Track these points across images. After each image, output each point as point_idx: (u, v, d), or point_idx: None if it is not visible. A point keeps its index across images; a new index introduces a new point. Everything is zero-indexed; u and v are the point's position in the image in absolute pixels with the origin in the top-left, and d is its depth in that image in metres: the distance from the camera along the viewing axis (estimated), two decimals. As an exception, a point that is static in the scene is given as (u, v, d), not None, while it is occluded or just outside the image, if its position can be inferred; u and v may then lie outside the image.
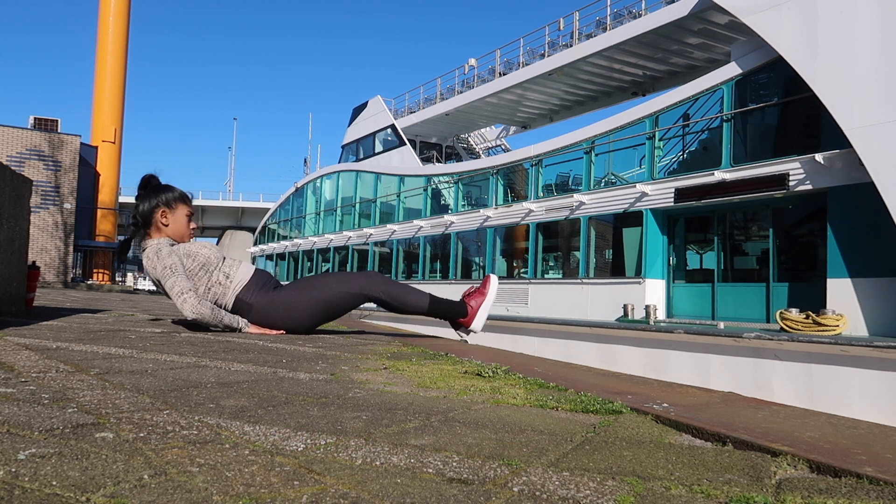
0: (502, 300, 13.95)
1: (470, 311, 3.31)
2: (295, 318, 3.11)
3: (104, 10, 31.82)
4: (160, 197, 3.17)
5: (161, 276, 3.00)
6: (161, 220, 3.15)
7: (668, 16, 12.27)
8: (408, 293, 3.22)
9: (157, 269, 3.01)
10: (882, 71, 8.14)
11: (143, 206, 3.16)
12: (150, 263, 3.05)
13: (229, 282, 3.09)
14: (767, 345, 8.32)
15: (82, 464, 0.87)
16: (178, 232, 3.20)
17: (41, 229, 23.83)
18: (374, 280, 3.21)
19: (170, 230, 3.17)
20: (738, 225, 11.10)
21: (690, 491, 0.90)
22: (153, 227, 3.16)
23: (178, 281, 2.97)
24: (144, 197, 3.18)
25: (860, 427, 1.33)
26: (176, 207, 3.19)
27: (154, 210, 3.15)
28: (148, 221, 3.16)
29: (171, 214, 3.17)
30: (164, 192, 3.20)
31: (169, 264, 3.00)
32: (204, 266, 3.08)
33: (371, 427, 1.19)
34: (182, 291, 2.94)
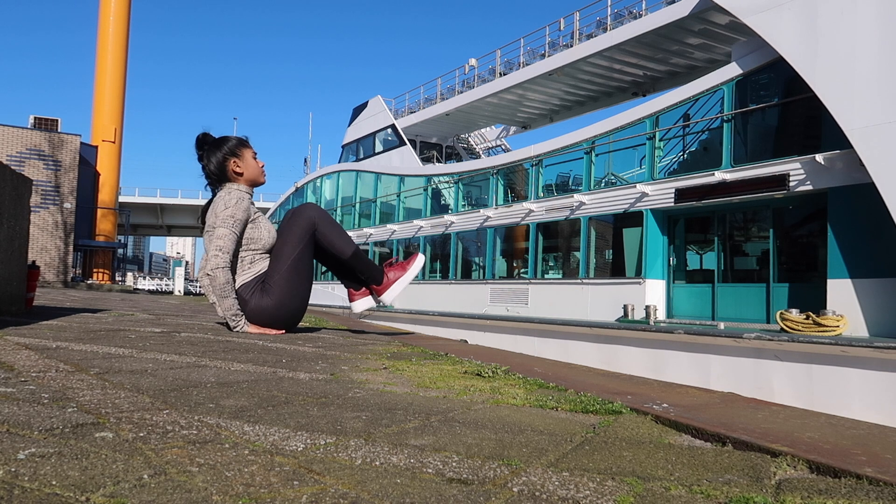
0: (502, 300, 13.96)
1: (385, 280, 3.31)
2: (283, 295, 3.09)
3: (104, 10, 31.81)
4: (223, 148, 3.19)
5: (220, 218, 3.00)
6: (234, 169, 3.18)
7: (669, 16, 12.26)
8: (341, 232, 3.24)
9: (226, 211, 3.01)
10: (882, 71, 8.14)
11: (212, 162, 3.18)
12: (223, 201, 3.06)
13: (250, 269, 3.11)
14: (768, 345, 8.31)
15: (82, 463, 0.87)
16: (252, 174, 3.23)
17: (41, 229, 23.82)
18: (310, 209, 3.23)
19: (246, 175, 3.20)
20: (739, 225, 11.09)
21: (690, 491, 0.90)
22: (229, 177, 3.19)
23: (227, 236, 2.98)
24: (209, 154, 3.19)
25: (860, 427, 1.33)
26: (242, 153, 3.21)
27: (225, 163, 3.17)
28: (223, 174, 3.19)
29: (241, 161, 3.20)
30: (224, 143, 3.22)
31: (237, 217, 3.02)
32: (251, 241, 3.11)
33: (371, 427, 1.19)
34: (222, 248, 2.96)
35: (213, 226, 3.03)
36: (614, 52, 14.03)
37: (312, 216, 3.19)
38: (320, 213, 3.24)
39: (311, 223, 3.16)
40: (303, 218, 3.18)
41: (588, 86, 16.62)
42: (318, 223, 3.18)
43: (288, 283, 3.09)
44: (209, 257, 2.98)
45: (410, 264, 3.37)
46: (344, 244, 3.23)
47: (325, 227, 3.19)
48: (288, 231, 3.18)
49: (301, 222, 3.17)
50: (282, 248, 3.15)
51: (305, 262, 3.18)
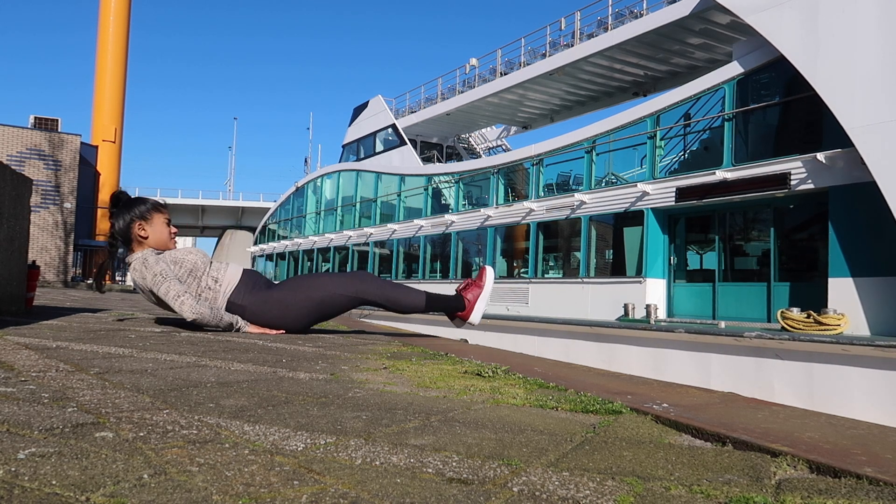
0: (503, 300, 13.95)
1: (467, 304, 3.29)
2: (289, 318, 3.10)
3: (104, 10, 31.82)
4: (133, 211, 3.15)
5: (153, 285, 2.97)
6: (140, 234, 3.13)
7: (670, 15, 12.26)
8: (403, 293, 3.21)
9: (147, 279, 2.98)
10: (884, 70, 8.13)
11: (118, 223, 3.14)
12: (139, 275, 3.03)
13: (219, 286, 3.08)
14: (768, 344, 8.31)
15: (82, 463, 0.87)
16: (160, 240, 3.17)
17: (41, 229, 23.84)
18: (368, 282, 3.19)
19: (151, 241, 3.15)
20: (739, 224, 11.09)
21: (690, 491, 0.90)
22: (134, 241, 3.14)
23: (171, 285, 2.95)
24: (118, 214, 3.16)
25: (860, 427, 1.33)
26: (151, 217, 3.17)
27: (131, 225, 3.12)
28: (127, 237, 3.14)
29: (148, 225, 3.14)
30: (136, 205, 3.18)
31: (158, 271, 2.98)
32: (192, 272, 3.06)
33: (371, 427, 1.19)
34: (178, 294, 2.93)
35: (152, 290, 3.00)
36: (615, 51, 14.03)
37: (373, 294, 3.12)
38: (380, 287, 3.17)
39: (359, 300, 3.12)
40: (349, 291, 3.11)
41: (589, 85, 16.62)
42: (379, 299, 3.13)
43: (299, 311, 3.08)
44: (177, 309, 2.95)
45: (483, 279, 3.34)
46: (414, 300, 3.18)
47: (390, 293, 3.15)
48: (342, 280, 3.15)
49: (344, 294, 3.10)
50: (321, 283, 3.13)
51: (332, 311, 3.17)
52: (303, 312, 3.10)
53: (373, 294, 3.14)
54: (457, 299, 3.29)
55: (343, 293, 3.11)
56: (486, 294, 3.31)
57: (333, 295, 3.11)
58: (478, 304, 3.30)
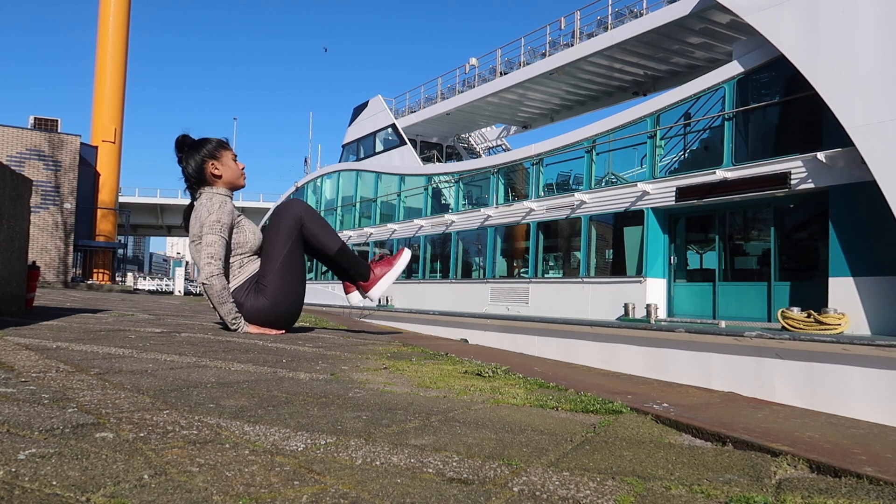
0: (503, 300, 13.95)
1: (372, 276, 3.29)
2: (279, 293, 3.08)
3: (104, 10, 31.82)
4: (202, 151, 3.17)
5: (207, 225, 2.98)
6: (213, 172, 3.16)
7: (670, 15, 12.25)
8: (327, 228, 3.23)
9: (211, 217, 2.99)
10: (884, 69, 8.13)
11: (190, 164, 3.15)
12: (206, 207, 3.03)
13: (240, 272, 3.10)
14: (769, 344, 8.31)
15: (82, 464, 0.87)
16: (231, 176, 3.21)
17: (41, 229, 23.84)
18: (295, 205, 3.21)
19: (225, 178, 3.18)
20: (740, 224, 11.08)
21: (690, 491, 0.90)
22: (208, 180, 3.17)
23: (217, 242, 2.96)
24: (187, 157, 3.17)
25: (860, 427, 1.33)
26: (221, 155, 3.19)
27: (203, 166, 3.15)
28: (202, 177, 3.16)
29: (219, 164, 3.17)
30: (203, 145, 3.19)
31: (224, 221, 3.00)
32: (239, 245, 3.10)
33: (371, 427, 1.19)
34: (213, 255, 2.94)
35: (199, 234, 3.01)
36: (615, 51, 14.02)
37: (298, 212, 3.17)
38: (306, 209, 3.22)
39: (298, 220, 3.15)
40: (288, 215, 3.17)
41: (589, 85, 16.61)
42: (304, 219, 3.16)
43: (281, 280, 3.09)
44: (202, 266, 2.96)
45: (396, 260, 3.35)
46: (330, 240, 3.21)
47: (310, 223, 3.18)
48: (276, 229, 3.17)
49: (287, 220, 3.15)
50: (272, 247, 3.14)
51: (296, 258, 3.17)
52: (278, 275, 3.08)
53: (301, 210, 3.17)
54: (365, 266, 3.30)
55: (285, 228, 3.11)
56: (394, 273, 3.31)
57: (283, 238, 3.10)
58: (382, 280, 3.30)
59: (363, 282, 3.30)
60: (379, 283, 3.30)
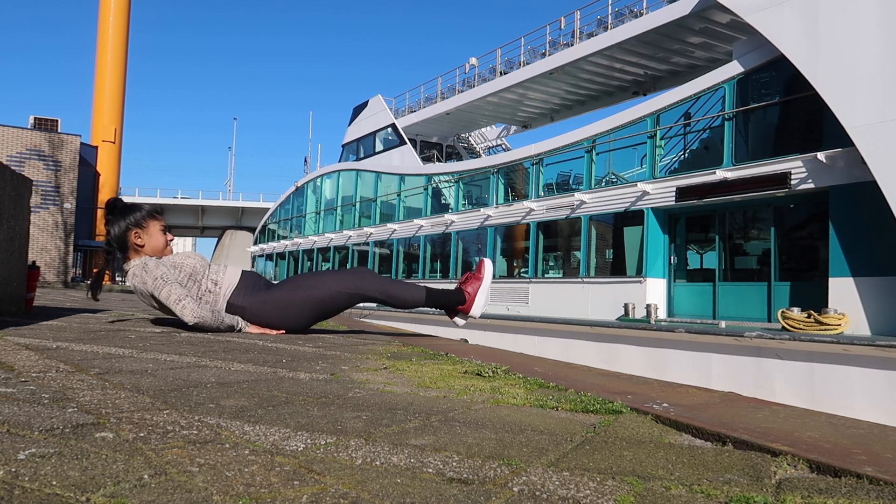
0: (503, 300, 13.95)
1: (467, 297, 3.29)
2: (290, 318, 3.11)
3: (104, 10, 31.83)
4: (129, 218, 3.14)
5: (153, 289, 2.96)
6: (136, 241, 3.13)
7: (670, 15, 12.25)
8: (403, 288, 3.21)
9: (148, 283, 2.97)
10: (884, 69, 8.13)
11: (114, 230, 3.13)
12: (139, 280, 3.01)
13: (219, 288, 3.08)
14: (769, 344, 8.31)
15: (82, 464, 0.87)
16: (155, 248, 3.17)
17: (41, 229, 23.84)
18: (368, 279, 3.18)
19: (147, 248, 3.15)
20: (740, 224, 11.08)
21: (690, 491, 0.90)
22: (130, 249, 3.14)
23: (173, 289, 2.94)
24: (113, 221, 3.15)
25: (860, 427, 1.33)
26: (147, 225, 3.16)
27: (127, 233, 3.12)
28: (124, 245, 3.13)
29: (143, 233, 3.14)
30: (131, 212, 3.17)
31: (159, 275, 2.97)
32: (192, 276, 3.07)
33: (371, 427, 1.19)
34: (179, 298, 2.93)
35: (156, 302, 3.00)
36: (615, 51, 14.02)
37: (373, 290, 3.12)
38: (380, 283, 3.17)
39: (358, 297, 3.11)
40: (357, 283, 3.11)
41: (589, 85, 16.61)
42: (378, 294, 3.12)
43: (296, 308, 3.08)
44: (178, 313, 2.94)
45: (482, 272, 3.33)
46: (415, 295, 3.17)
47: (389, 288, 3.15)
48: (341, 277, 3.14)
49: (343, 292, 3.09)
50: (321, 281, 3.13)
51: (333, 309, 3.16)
52: (303, 311, 3.10)
53: (372, 290, 3.13)
54: (457, 293, 3.29)
55: (343, 290, 3.11)
56: (485, 286, 3.31)
57: (333, 293, 3.10)
58: (478, 297, 3.29)
59: (462, 307, 3.29)
60: (476, 301, 3.28)
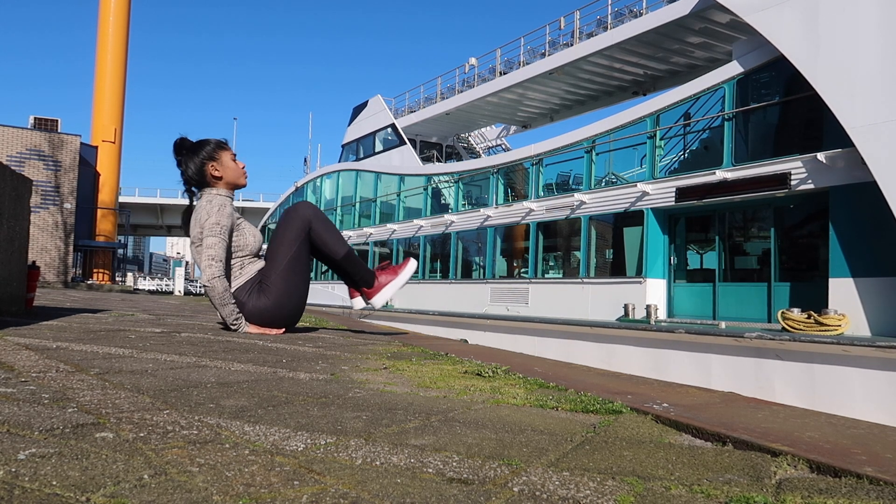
0: (503, 300, 13.95)
1: (376, 284, 3.30)
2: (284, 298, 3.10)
3: (104, 10, 31.83)
4: (201, 153, 3.19)
5: (206, 228, 2.99)
6: (213, 174, 3.18)
7: (670, 15, 12.25)
8: (335, 232, 3.25)
9: (210, 219, 3.01)
10: (884, 69, 8.13)
11: (190, 167, 3.18)
12: (205, 210, 3.05)
13: (241, 274, 3.12)
14: (769, 345, 8.30)
15: (82, 464, 0.87)
16: (232, 177, 3.23)
17: (41, 229, 23.83)
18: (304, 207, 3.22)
19: (225, 178, 3.20)
20: (740, 224, 11.08)
21: (690, 491, 0.90)
22: (209, 182, 3.19)
23: (217, 244, 2.98)
24: (187, 159, 3.19)
25: (860, 427, 1.33)
26: (220, 156, 3.21)
27: (203, 167, 3.17)
28: (203, 180, 3.19)
29: (219, 165, 3.19)
30: (202, 147, 3.21)
31: (223, 223, 3.02)
32: (240, 249, 3.12)
33: (371, 427, 1.19)
34: (214, 257, 2.96)
35: (200, 237, 3.02)
36: (615, 51, 14.02)
37: (307, 215, 3.19)
38: (315, 212, 3.23)
39: (306, 222, 3.16)
40: (297, 217, 3.18)
41: (588, 85, 16.61)
42: (313, 222, 3.17)
43: (285, 282, 3.10)
44: (203, 268, 2.97)
45: (402, 269, 3.35)
46: (337, 245, 3.23)
47: (319, 226, 3.19)
48: (283, 231, 3.18)
49: (295, 222, 3.17)
50: (278, 248, 3.15)
51: (302, 261, 3.18)
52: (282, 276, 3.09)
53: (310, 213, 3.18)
54: (369, 273, 3.31)
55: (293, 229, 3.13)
56: (399, 282, 3.31)
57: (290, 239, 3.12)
58: (386, 289, 3.30)
59: (367, 288, 3.31)
60: (382, 292, 3.30)
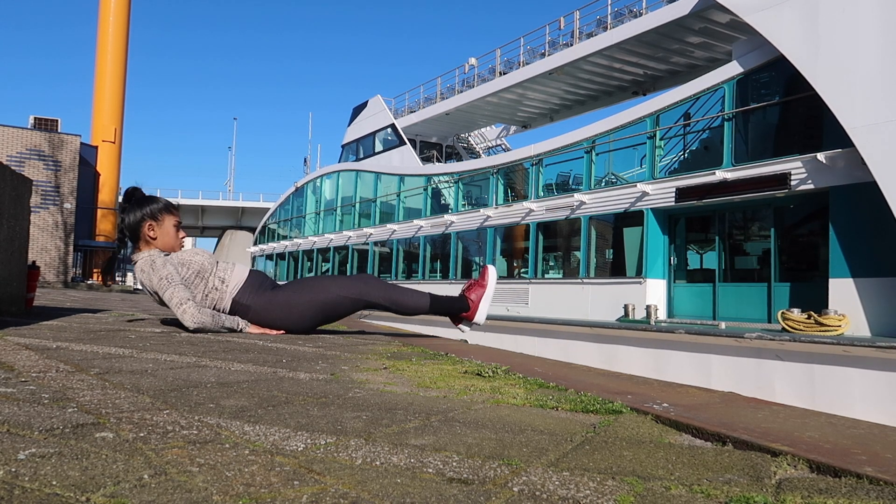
0: (503, 300, 13.95)
1: (471, 304, 3.30)
2: (293, 320, 3.11)
3: (104, 9, 31.83)
4: (145, 209, 3.14)
5: (158, 288, 2.98)
6: (149, 234, 3.12)
7: (669, 15, 12.25)
8: (407, 295, 3.21)
9: (154, 281, 2.99)
10: (884, 69, 8.13)
11: (129, 219, 3.14)
12: (145, 276, 3.03)
13: (225, 286, 3.09)
14: (769, 345, 8.30)
15: (82, 464, 0.87)
16: (167, 244, 3.16)
17: (41, 229, 23.83)
18: (372, 284, 3.18)
19: (159, 242, 3.14)
20: (740, 224, 11.08)
21: (690, 491, 0.90)
22: (142, 240, 3.13)
23: (175, 291, 2.95)
24: (129, 210, 3.15)
25: (860, 427, 1.33)
26: (162, 219, 3.16)
27: (141, 223, 3.12)
28: (136, 235, 3.14)
29: (157, 227, 3.14)
30: (148, 203, 3.17)
31: (165, 275, 2.98)
32: (199, 273, 3.07)
33: (371, 427, 1.19)
34: (181, 302, 2.93)
35: (159, 297, 3.01)
36: (614, 51, 14.02)
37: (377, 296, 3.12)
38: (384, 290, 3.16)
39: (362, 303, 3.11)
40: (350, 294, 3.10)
41: (588, 85, 16.61)
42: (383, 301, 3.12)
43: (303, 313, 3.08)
44: (179, 315, 2.94)
45: (486, 278, 3.33)
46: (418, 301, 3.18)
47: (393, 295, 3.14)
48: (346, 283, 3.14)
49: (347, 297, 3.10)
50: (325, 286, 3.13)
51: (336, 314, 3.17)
52: (306, 314, 3.11)
53: (376, 296, 3.13)
54: (460, 300, 3.30)
55: (346, 295, 3.11)
56: (489, 293, 3.31)
57: (336, 297, 3.11)
58: (482, 304, 3.30)
59: (465, 313, 3.29)
60: (480, 308, 3.29)
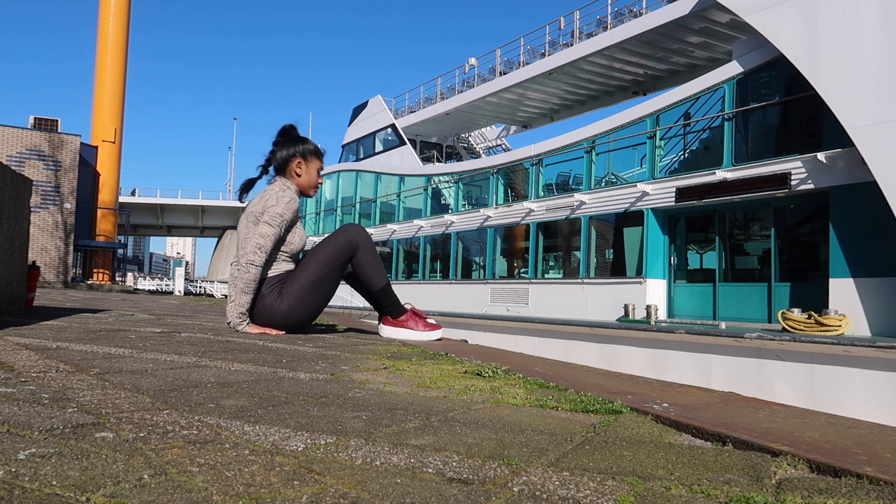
0: (503, 300, 13.95)
1: (402, 318, 3.29)
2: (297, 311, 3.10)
3: (104, 10, 31.84)
4: (298, 147, 3.24)
5: (269, 214, 3.02)
6: (296, 169, 3.24)
7: (669, 14, 12.25)
8: (378, 263, 3.25)
9: (277, 207, 3.04)
10: (884, 69, 8.13)
11: (281, 152, 3.24)
12: (276, 196, 3.08)
13: (274, 269, 3.13)
14: (769, 345, 8.30)
15: (82, 464, 0.87)
16: (308, 183, 3.28)
17: (41, 229, 23.83)
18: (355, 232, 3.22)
19: (302, 180, 3.26)
20: (740, 224, 11.08)
21: (690, 491, 0.90)
22: (287, 174, 3.24)
23: (271, 236, 3.01)
24: (283, 145, 3.25)
25: (860, 427, 1.33)
26: (311, 160, 3.27)
27: (291, 158, 3.23)
28: (284, 168, 3.24)
29: (305, 166, 3.24)
30: (301, 143, 3.27)
31: (286, 217, 3.06)
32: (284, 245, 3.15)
33: (371, 427, 1.19)
34: (262, 246, 2.99)
35: (258, 217, 3.04)
36: (614, 50, 14.02)
37: (355, 240, 3.16)
38: (364, 239, 3.21)
39: (353, 247, 3.15)
40: (345, 240, 3.16)
41: (588, 85, 16.61)
42: (360, 249, 3.16)
43: (305, 296, 3.09)
44: (247, 251, 2.98)
45: (430, 330, 3.29)
46: (377, 277, 3.22)
47: (365, 254, 3.17)
48: (325, 247, 3.17)
49: (341, 244, 3.15)
50: (312, 261, 3.14)
51: (329, 281, 3.16)
52: (305, 290, 3.09)
53: (365, 247, 3.17)
54: (401, 307, 3.30)
55: (337, 245, 3.14)
56: (415, 335, 3.26)
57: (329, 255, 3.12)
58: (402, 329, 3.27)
59: (391, 318, 3.30)
60: (398, 330, 3.28)
